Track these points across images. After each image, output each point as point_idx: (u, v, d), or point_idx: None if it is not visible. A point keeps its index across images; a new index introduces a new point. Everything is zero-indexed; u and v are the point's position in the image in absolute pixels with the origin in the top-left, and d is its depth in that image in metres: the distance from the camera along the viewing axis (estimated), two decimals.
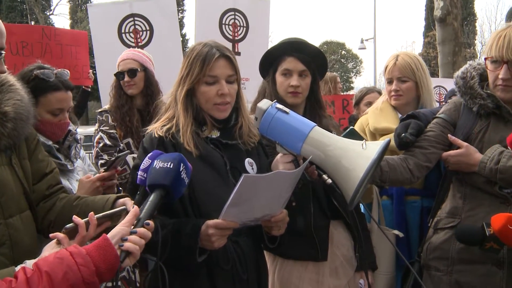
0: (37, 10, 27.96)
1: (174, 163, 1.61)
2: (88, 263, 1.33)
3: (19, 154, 1.79)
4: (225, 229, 1.71)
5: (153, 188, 1.60)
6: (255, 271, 1.98)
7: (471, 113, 2.35)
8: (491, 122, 2.30)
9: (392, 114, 2.94)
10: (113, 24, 4.96)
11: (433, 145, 2.36)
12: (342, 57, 41.22)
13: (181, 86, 1.97)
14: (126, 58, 3.46)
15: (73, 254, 1.34)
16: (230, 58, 1.97)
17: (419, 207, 2.82)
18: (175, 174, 1.60)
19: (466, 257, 2.29)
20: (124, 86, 3.39)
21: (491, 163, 2.17)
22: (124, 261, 1.40)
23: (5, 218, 1.66)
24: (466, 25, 28.06)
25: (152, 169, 1.62)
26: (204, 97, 1.95)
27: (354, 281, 2.40)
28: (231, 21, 5.36)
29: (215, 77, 1.93)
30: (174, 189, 1.61)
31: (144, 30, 5.04)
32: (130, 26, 5.01)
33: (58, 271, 1.30)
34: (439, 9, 8.51)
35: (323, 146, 1.84)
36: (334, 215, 2.38)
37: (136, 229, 1.45)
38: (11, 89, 1.77)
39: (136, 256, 1.42)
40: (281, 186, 1.74)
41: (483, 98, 2.29)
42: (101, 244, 1.37)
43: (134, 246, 1.41)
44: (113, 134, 3.30)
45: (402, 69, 2.88)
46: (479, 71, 2.38)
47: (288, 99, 2.40)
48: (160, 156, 1.66)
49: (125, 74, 3.38)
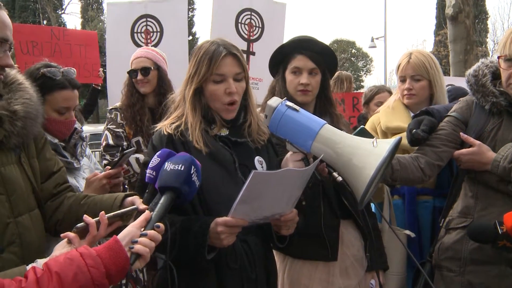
0: (49, 9, 28.23)
1: (185, 165, 1.60)
2: (99, 265, 1.32)
3: (28, 153, 1.80)
4: (234, 226, 1.70)
5: (163, 190, 1.59)
6: (264, 270, 1.97)
7: (483, 111, 2.32)
8: (504, 120, 2.27)
9: (404, 113, 2.91)
10: (127, 23, 5.06)
11: (444, 144, 2.34)
12: (352, 55, 41.12)
13: (189, 85, 1.97)
14: (139, 56, 3.43)
15: (83, 255, 1.33)
16: (237, 56, 1.96)
17: (431, 207, 2.80)
18: (186, 177, 1.59)
19: (478, 257, 2.27)
20: (136, 84, 3.37)
21: (505, 162, 2.15)
22: (134, 263, 1.39)
23: (14, 216, 1.67)
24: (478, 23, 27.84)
25: (163, 171, 1.61)
26: (212, 96, 1.94)
27: (365, 281, 2.39)
28: (247, 20, 5.40)
29: (222, 76, 1.92)
30: (185, 191, 1.60)
31: (155, 31, 5.13)
32: (142, 26, 5.10)
33: (68, 272, 1.29)
34: (450, 7, 8.43)
35: (333, 144, 1.82)
36: (345, 215, 2.37)
37: (146, 232, 1.44)
38: (20, 88, 1.78)
39: (146, 258, 1.42)
40: (292, 184, 1.73)
41: (496, 96, 2.26)
42: (111, 246, 1.37)
43: (144, 248, 1.41)
44: (118, 132, 3.29)
45: (416, 67, 2.84)
46: (491, 69, 2.35)
47: (298, 97, 2.39)
48: (171, 158, 1.65)
49: (138, 72, 3.36)
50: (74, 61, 5.40)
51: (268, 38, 5.46)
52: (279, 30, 5.64)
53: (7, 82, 1.77)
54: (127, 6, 5.26)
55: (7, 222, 1.64)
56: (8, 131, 1.66)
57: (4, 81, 1.77)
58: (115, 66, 4.77)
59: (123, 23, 5.05)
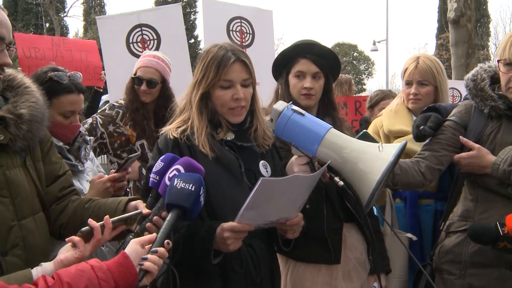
0: (51, 12, 28.30)
1: (196, 185, 1.60)
2: (109, 279, 1.35)
3: (33, 156, 1.80)
4: (241, 232, 1.71)
5: (171, 207, 1.60)
6: (269, 274, 1.97)
7: (482, 115, 2.34)
8: (503, 124, 2.28)
9: (407, 117, 2.91)
10: (121, 34, 5.01)
11: (444, 148, 2.35)
12: (354, 59, 41.09)
13: (195, 90, 1.96)
14: (148, 65, 3.34)
15: (94, 268, 1.35)
16: (245, 62, 1.96)
17: (433, 210, 2.80)
18: (196, 197, 1.60)
19: (479, 260, 2.27)
20: (138, 91, 3.31)
21: (504, 165, 2.15)
22: (142, 279, 1.41)
23: (19, 219, 1.67)
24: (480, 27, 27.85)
25: (172, 187, 1.60)
26: (219, 101, 1.94)
27: (368, 284, 2.39)
28: (238, 27, 5.44)
29: (230, 82, 1.92)
30: (193, 211, 1.61)
31: (151, 39, 5.09)
32: (137, 36, 5.05)
33: (80, 283, 1.31)
34: (452, 10, 8.43)
35: (339, 148, 1.83)
36: (347, 218, 2.37)
37: (156, 249, 1.47)
38: (26, 91, 1.78)
39: (153, 275, 1.44)
40: (298, 190, 1.73)
41: (494, 100, 2.27)
42: (121, 262, 1.39)
43: (153, 266, 1.43)
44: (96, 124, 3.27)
45: (424, 72, 2.84)
46: (490, 73, 2.36)
47: (302, 101, 2.39)
48: (180, 175, 1.64)
49: (143, 82, 3.29)
50: (76, 65, 5.42)
51: (260, 44, 5.51)
52: (269, 36, 5.72)
53: (14, 85, 1.77)
54: (118, 18, 5.22)
55: (11, 225, 1.63)
56: (13, 135, 1.66)
57: (11, 85, 1.77)
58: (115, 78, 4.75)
59: (116, 35, 4.98)
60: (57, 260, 1.49)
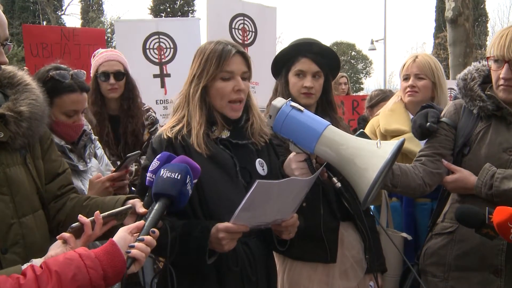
0: (49, 10, 28.18)
1: (182, 174, 1.61)
2: (97, 266, 1.36)
3: (33, 154, 1.80)
4: (236, 233, 1.72)
5: (158, 197, 1.61)
6: (265, 272, 1.98)
7: (471, 115, 2.32)
8: (492, 124, 2.26)
9: (404, 115, 2.92)
10: (138, 40, 5.10)
11: (439, 152, 2.33)
12: (352, 58, 41.07)
13: (195, 84, 1.96)
14: (112, 59, 3.28)
15: (82, 256, 1.36)
16: (245, 55, 1.99)
17: (429, 210, 2.79)
18: (182, 186, 1.61)
19: (462, 264, 2.26)
20: (106, 89, 3.23)
21: (485, 189, 2.14)
22: (130, 267, 1.43)
23: (18, 217, 1.67)
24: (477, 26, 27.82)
25: (159, 177, 1.62)
26: (220, 93, 1.95)
27: (364, 283, 2.39)
28: (240, 25, 5.45)
29: (231, 73, 1.94)
30: (179, 200, 1.62)
31: (168, 48, 5.18)
32: (155, 43, 5.15)
33: (68, 271, 1.32)
34: (450, 10, 8.46)
35: (337, 145, 1.83)
36: (344, 217, 2.37)
37: (143, 237, 1.48)
38: (26, 89, 1.78)
39: (141, 262, 1.46)
40: (294, 192, 1.74)
41: (483, 100, 2.24)
42: (109, 249, 1.41)
43: (140, 253, 1.45)
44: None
45: (421, 66, 2.87)
46: (482, 72, 2.34)
47: (301, 100, 2.40)
48: (167, 165, 1.66)
49: (110, 76, 3.22)
50: (83, 62, 5.38)
51: (262, 42, 5.53)
52: (271, 34, 5.74)
53: (14, 82, 1.78)
54: (136, 23, 5.36)
55: (11, 222, 1.64)
56: (13, 132, 1.66)
57: (11, 82, 1.77)
58: None
59: (133, 39, 5.09)
60: (47, 257, 1.49)
